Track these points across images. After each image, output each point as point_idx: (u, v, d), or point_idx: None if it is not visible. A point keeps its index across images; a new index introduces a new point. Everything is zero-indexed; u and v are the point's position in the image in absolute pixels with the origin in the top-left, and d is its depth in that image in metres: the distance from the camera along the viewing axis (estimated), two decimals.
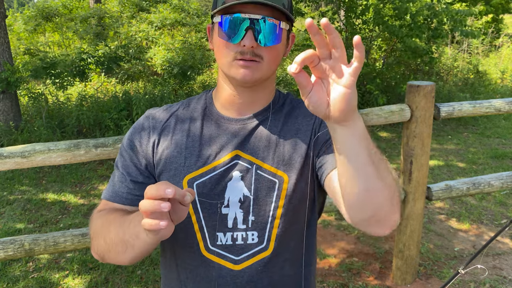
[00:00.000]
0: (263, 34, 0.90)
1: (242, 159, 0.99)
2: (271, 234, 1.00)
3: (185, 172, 0.99)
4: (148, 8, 10.16)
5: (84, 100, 6.21)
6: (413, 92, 2.36)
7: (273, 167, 0.99)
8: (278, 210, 0.99)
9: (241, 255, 0.99)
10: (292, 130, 1.02)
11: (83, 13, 9.11)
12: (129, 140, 1.05)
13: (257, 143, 1.00)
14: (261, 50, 0.92)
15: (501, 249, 3.10)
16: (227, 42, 0.92)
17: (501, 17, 12.96)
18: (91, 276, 2.92)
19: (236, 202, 0.98)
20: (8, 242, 1.95)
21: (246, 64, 0.92)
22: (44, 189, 4.49)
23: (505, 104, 2.52)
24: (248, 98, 1.01)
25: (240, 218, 0.99)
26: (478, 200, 3.95)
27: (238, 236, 0.99)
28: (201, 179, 0.98)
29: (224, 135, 1.01)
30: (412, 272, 2.71)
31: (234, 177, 0.98)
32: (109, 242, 0.90)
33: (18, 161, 1.80)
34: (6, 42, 5.55)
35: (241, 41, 0.90)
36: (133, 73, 7.05)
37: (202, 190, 0.98)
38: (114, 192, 1.02)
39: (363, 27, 6.76)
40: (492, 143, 5.73)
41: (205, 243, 1.00)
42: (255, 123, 1.02)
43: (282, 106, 1.06)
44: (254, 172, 0.99)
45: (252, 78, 0.93)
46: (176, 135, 1.02)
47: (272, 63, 0.95)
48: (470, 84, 7.97)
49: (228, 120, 1.02)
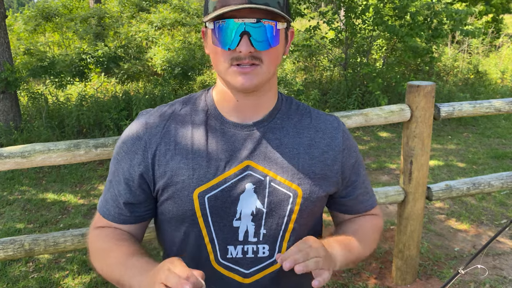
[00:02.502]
0: (260, 38, 0.86)
1: (254, 170, 0.95)
2: (282, 247, 0.98)
3: (195, 185, 0.94)
4: (148, 8, 10.16)
5: (84, 100, 6.21)
6: (413, 92, 2.36)
7: (288, 180, 0.96)
8: (290, 225, 0.97)
9: (251, 269, 0.98)
10: (305, 143, 0.99)
11: (83, 13, 9.12)
12: (122, 152, 0.99)
13: (268, 154, 0.97)
14: (259, 53, 0.88)
15: (501, 249, 3.10)
16: (223, 49, 0.88)
17: (501, 17, 12.96)
18: (91, 276, 2.92)
19: (248, 215, 0.96)
20: (8, 242, 1.95)
21: (243, 70, 0.88)
22: (44, 189, 4.48)
23: (505, 104, 2.51)
24: (252, 102, 0.97)
25: (252, 231, 0.96)
26: (478, 200, 3.95)
27: (249, 249, 0.97)
28: (212, 192, 0.94)
29: (231, 143, 0.96)
30: (412, 272, 2.70)
31: (247, 189, 0.95)
32: (106, 272, 0.92)
33: (18, 161, 1.80)
34: (6, 42, 5.55)
35: (237, 48, 0.86)
36: (133, 73, 7.05)
37: (214, 204, 0.95)
38: (107, 210, 1.01)
39: (363, 27, 6.75)
40: (492, 143, 5.73)
41: (215, 255, 0.98)
42: (263, 130, 0.98)
43: (289, 113, 1.02)
44: (268, 184, 0.95)
45: (252, 84, 0.90)
46: (179, 143, 0.96)
47: (272, 65, 0.92)
48: (470, 84, 7.97)
49: (234, 126, 0.97)
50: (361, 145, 5.73)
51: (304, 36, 7.74)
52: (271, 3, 0.86)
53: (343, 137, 1.04)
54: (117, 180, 0.99)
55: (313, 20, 7.71)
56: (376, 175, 4.68)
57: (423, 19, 6.06)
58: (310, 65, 8.84)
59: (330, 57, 7.69)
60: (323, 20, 6.88)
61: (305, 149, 0.99)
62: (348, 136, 1.06)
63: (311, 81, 8.00)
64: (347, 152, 1.03)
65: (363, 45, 7.23)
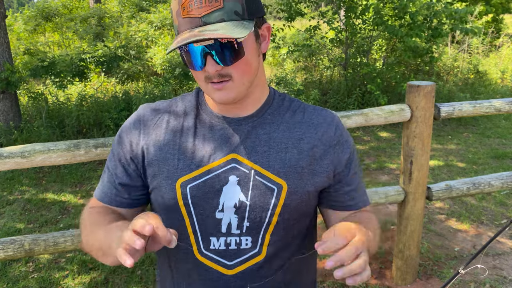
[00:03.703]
0: (221, 57, 0.87)
1: (240, 163, 0.96)
2: (265, 239, 0.98)
3: (178, 175, 0.96)
4: (148, 8, 10.17)
5: (84, 100, 6.21)
6: (413, 92, 2.36)
7: (273, 174, 0.96)
8: (274, 218, 0.97)
9: (234, 260, 0.98)
10: (295, 137, 0.99)
11: (83, 13, 9.13)
12: (119, 138, 1.04)
13: (256, 147, 0.97)
14: (227, 69, 0.89)
15: (501, 249, 3.10)
16: (196, 70, 0.91)
17: (501, 17, 12.96)
18: (91, 276, 2.92)
19: (231, 207, 0.96)
20: (8, 242, 1.95)
21: (218, 87, 0.90)
22: (44, 189, 4.49)
23: (505, 104, 2.51)
24: (239, 105, 0.99)
25: (235, 223, 0.97)
26: (478, 200, 3.95)
27: (232, 241, 0.98)
28: (195, 182, 0.96)
29: (218, 136, 0.98)
30: (412, 272, 2.70)
31: (230, 181, 0.96)
32: (91, 244, 0.93)
33: (18, 161, 1.80)
34: (6, 42, 5.55)
35: (205, 68, 0.89)
36: (133, 73, 7.05)
37: (196, 194, 0.96)
38: (103, 193, 1.04)
39: (363, 27, 6.76)
40: (492, 143, 5.73)
41: (198, 246, 0.99)
42: (252, 125, 0.99)
43: (280, 109, 1.03)
44: (253, 177, 0.96)
45: (229, 98, 0.92)
46: (168, 134, 1.00)
47: (245, 76, 0.91)
48: (470, 84, 7.97)
49: (222, 120, 1.00)
50: (361, 145, 5.73)
51: (304, 36, 7.74)
52: (226, 17, 0.85)
53: (336, 132, 1.02)
54: (114, 164, 1.03)
55: (313, 20, 7.70)
56: (376, 175, 4.68)
57: (423, 19, 6.06)
58: (310, 65, 8.84)
59: (330, 57, 7.69)
60: (323, 20, 6.88)
61: (294, 143, 0.99)
62: (342, 131, 1.04)
63: (311, 81, 8.00)
64: (339, 147, 1.01)
65: (363, 45, 7.23)
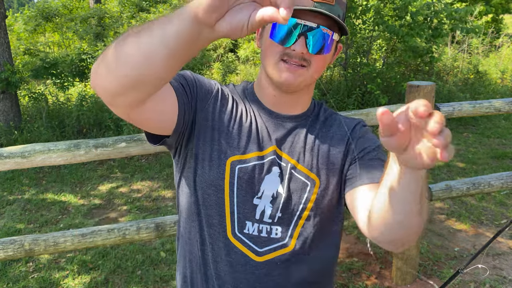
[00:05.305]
0: (315, 43, 0.92)
1: (279, 157, 1.02)
2: (294, 232, 1.02)
3: (231, 153, 1.00)
4: (148, 8, 10.17)
5: (84, 100, 6.21)
6: (413, 92, 2.36)
7: (307, 169, 1.01)
8: (305, 212, 1.01)
9: (264, 248, 1.01)
10: (327, 137, 1.05)
11: (83, 13, 9.13)
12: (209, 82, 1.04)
13: (294, 144, 1.03)
14: (310, 56, 0.94)
15: (501, 249, 3.10)
16: (277, 44, 0.94)
17: (501, 17, 12.96)
18: (91, 276, 2.92)
19: (269, 196, 1.00)
20: (8, 242, 1.95)
21: (291, 68, 0.94)
22: (44, 189, 4.49)
23: (505, 104, 2.51)
24: (288, 101, 1.03)
25: (268, 212, 1.00)
26: (478, 200, 3.95)
27: (263, 228, 1.01)
28: (245, 164, 1.00)
29: (265, 127, 1.03)
30: (412, 272, 2.71)
31: (273, 171, 1.01)
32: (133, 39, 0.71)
33: (18, 161, 1.81)
34: (6, 42, 5.56)
35: (292, 46, 0.92)
36: None
37: (243, 176, 1.00)
38: None
39: (363, 27, 6.76)
40: (492, 143, 5.73)
41: (232, 227, 1.01)
42: (294, 124, 1.05)
43: (318, 114, 1.09)
44: (289, 171, 1.01)
45: (295, 82, 0.96)
46: (234, 113, 1.04)
47: (317, 71, 0.98)
48: (470, 84, 7.97)
49: (269, 113, 1.04)
50: None
51: None
52: (334, 12, 0.92)
53: (360, 128, 1.07)
54: (184, 83, 0.99)
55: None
56: None
57: (423, 19, 6.06)
58: None
59: None
60: None
61: (326, 142, 1.04)
62: (366, 128, 1.09)
63: None
64: (362, 140, 1.05)
65: (363, 45, 7.22)
